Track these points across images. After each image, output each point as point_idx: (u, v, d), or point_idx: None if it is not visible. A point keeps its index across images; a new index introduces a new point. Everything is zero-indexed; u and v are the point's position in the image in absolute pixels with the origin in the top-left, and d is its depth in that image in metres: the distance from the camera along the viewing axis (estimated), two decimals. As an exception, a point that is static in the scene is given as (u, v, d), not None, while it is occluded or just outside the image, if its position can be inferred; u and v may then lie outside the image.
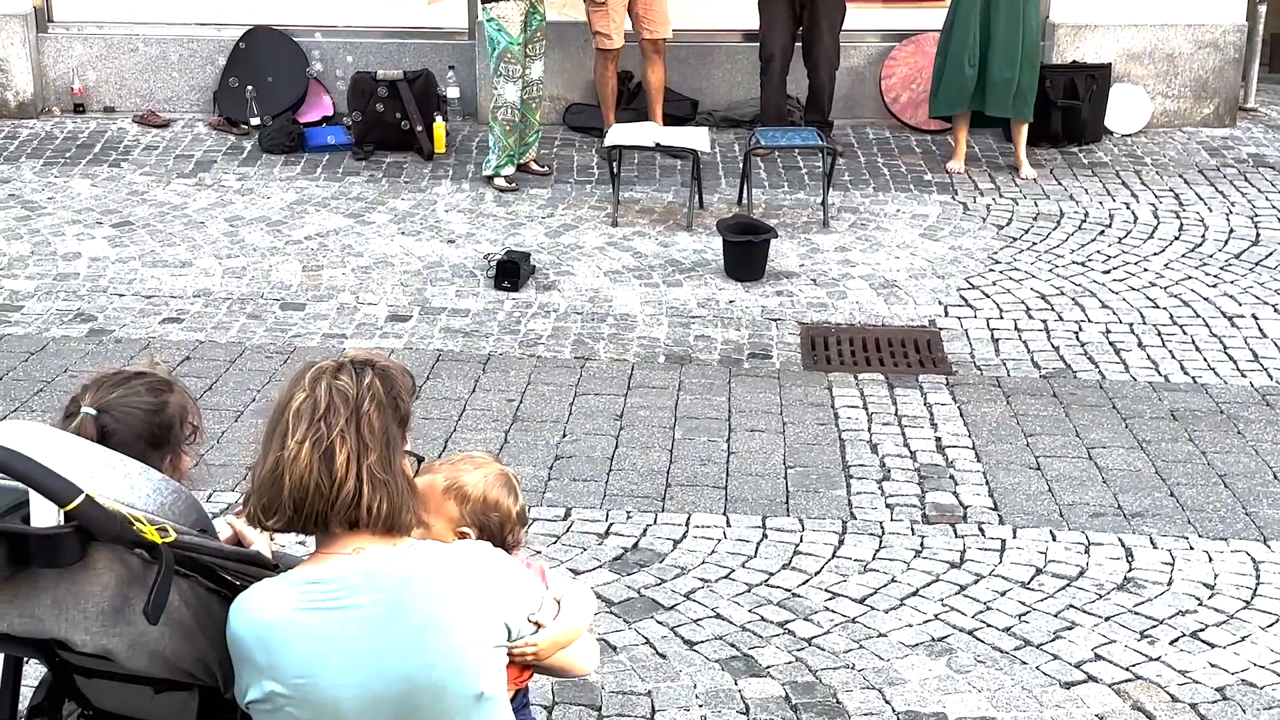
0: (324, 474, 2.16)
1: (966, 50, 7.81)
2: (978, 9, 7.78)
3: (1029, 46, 7.81)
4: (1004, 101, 7.84)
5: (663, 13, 8.25)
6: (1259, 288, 6.62)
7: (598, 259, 6.97)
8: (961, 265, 6.91)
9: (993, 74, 7.80)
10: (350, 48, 8.94)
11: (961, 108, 7.97)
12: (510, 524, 2.67)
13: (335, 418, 2.17)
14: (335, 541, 2.22)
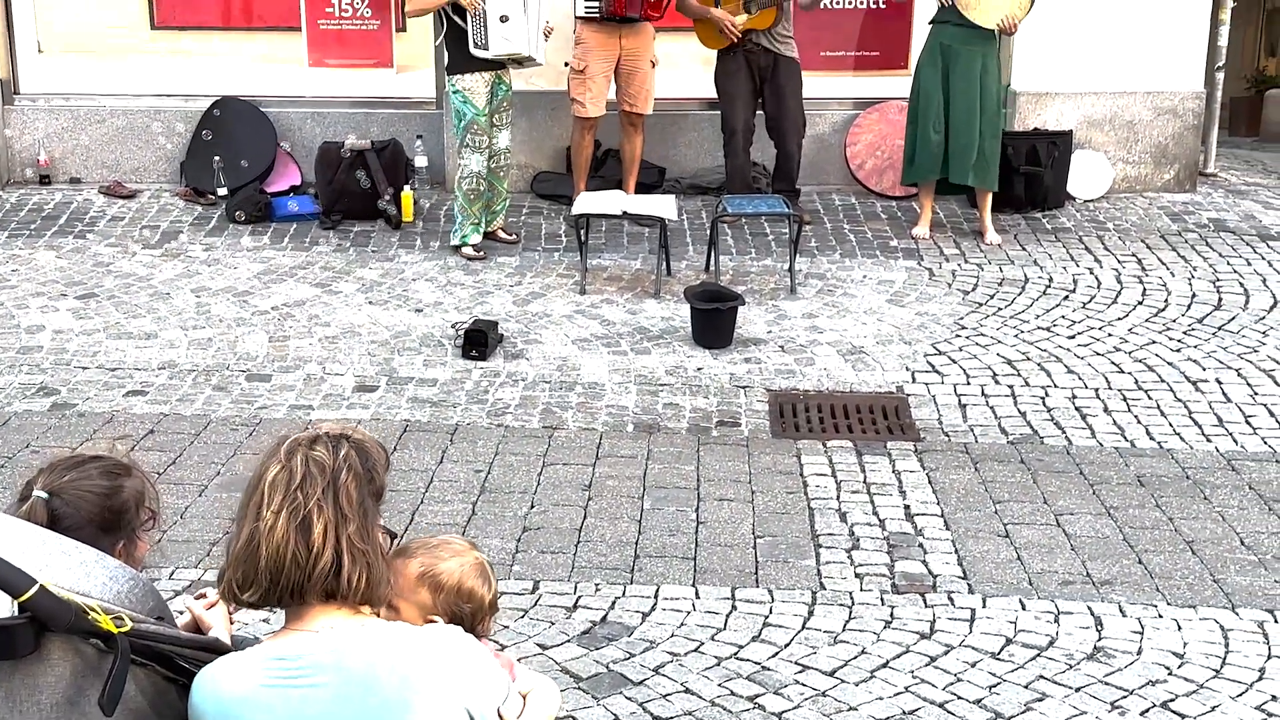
0: (301, 544, 2.13)
1: (931, 118, 7.91)
2: (938, 78, 7.89)
3: (988, 115, 7.91)
4: (965, 169, 7.93)
5: (645, 89, 8.29)
6: (1222, 352, 6.67)
7: (566, 327, 6.97)
8: (928, 331, 6.94)
9: (954, 141, 7.90)
10: (318, 118, 8.97)
11: (934, 175, 8.06)
12: (482, 613, 2.63)
13: (312, 488, 2.14)
14: (307, 615, 2.18)
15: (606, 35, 8.16)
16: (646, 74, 8.25)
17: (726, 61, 8.34)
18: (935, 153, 7.96)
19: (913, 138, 8.09)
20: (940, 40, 7.90)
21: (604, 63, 8.20)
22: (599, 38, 8.16)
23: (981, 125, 7.88)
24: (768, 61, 8.25)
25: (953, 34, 7.83)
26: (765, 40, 8.21)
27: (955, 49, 7.85)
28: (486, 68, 7.68)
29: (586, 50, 8.19)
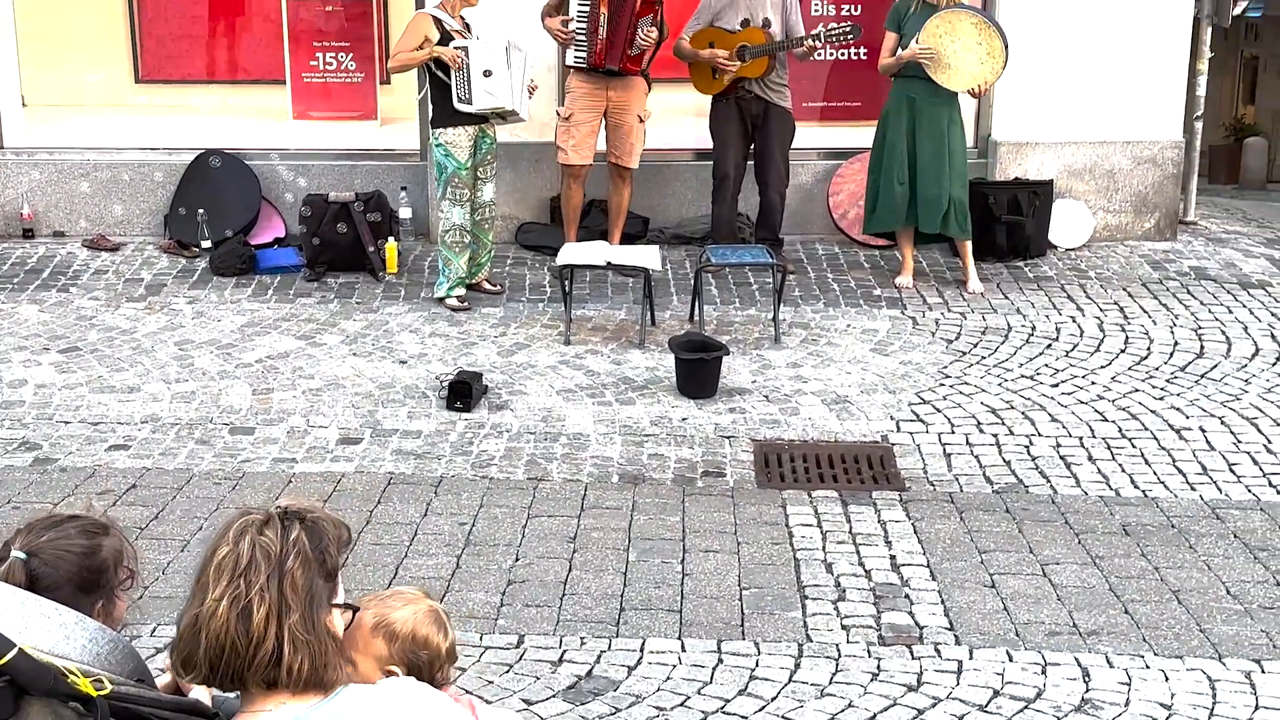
0: (240, 632, 2.10)
1: (895, 169, 7.97)
2: (903, 129, 7.95)
3: (956, 165, 7.97)
4: (935, 218, 7.97)
5: (631, 143, 8.32)
6: (1205, 400, 6.69)
7: (550, 378, 6.97)
8: (912, 380, 6.95)
9: (922, 192, 7.95)
10: (303, 170, 8.99)
11: (895, 225, 8.11)
12: (440, 661, 2.62)
13: (256, 575, 2.12)
14: (255, 700, 2.17)
15: (594, 86, 8.21)
16: (633, 128, 8.29)
17: (719, 107, 8.40)
18: (899, 204, 8.02)
19: (874, 188, 8.15)
20: (907, 94, 7.96)
21: (589, 112, 8.24)
22: (587, 87, 8.21)
23: (950, 176, 7.94)
24: (759, 109, 8.31)
25: (920, 88, 7.90)
26: (757, 88, 8.27)
27: (921, 103, 7.92)
28: (470, 121, 7.72)
29: (574, 99, 8.24)
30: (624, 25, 8.01)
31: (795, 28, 8.20)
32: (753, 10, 8.20)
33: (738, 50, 8.19)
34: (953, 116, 7.98)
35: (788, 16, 8.21)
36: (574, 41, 8.10)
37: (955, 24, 7.72)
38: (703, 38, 8.28)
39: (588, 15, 8.05)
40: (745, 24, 8.21)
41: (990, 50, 7.71)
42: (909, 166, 7.98)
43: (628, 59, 8.11)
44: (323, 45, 9.46)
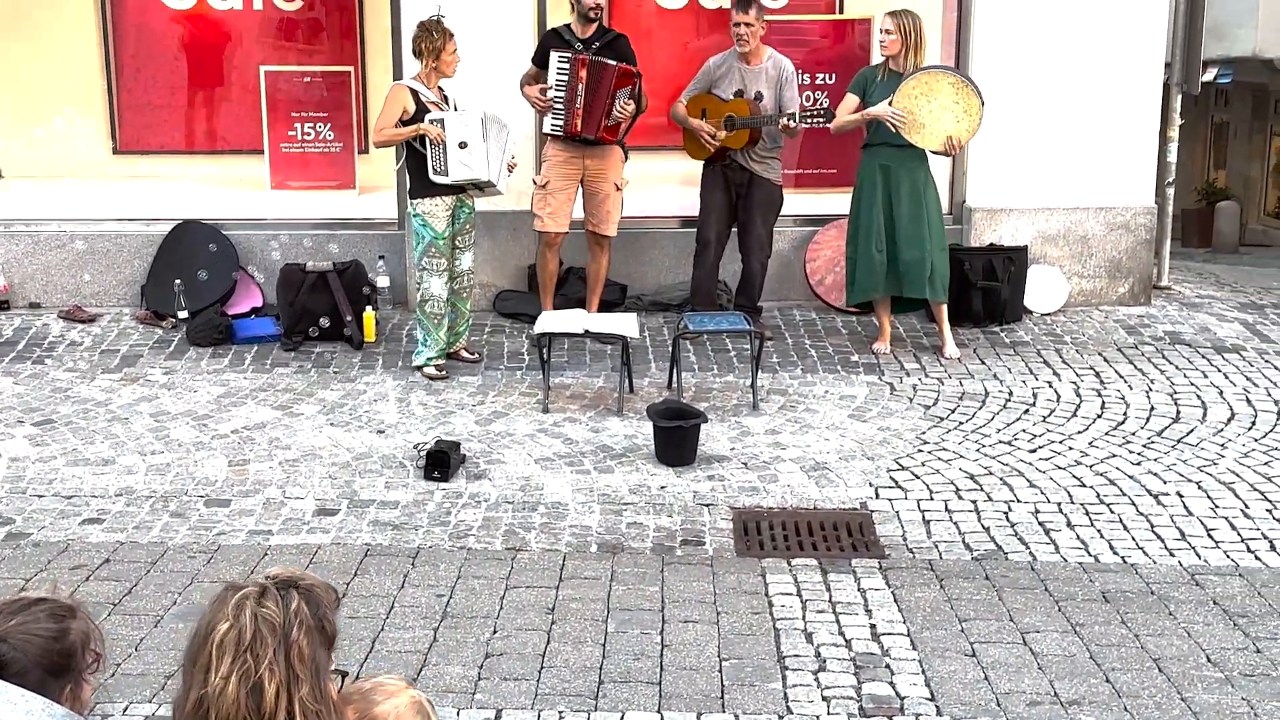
0: (252, 709, 2.07)
1: (873, 237, 8.02)
2: (878, 197, 8.01)
3: (935, 230, 8.02)
4: (920, 282, 8.01)
5: (607, 210, 8.37)
6: (1182, 465, 6.70)
7: (529, 446, 6.95)
8: (890, 446, 6.95)
9: (902, 257, 8.00)
10: (280, 240, 9.00)
11: (876, 294, 8.14)
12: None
13: (263, 649, 2.09)
14: None
15: (571, 154, 8.26)
16: (609, 196, 8.34)
17: (708, 174, 8.49)
18: (878, 272, 8.06)
19: (853, 258, 8.20)
20: (879, 162, 8.03)
21: (565, 180, 8.29)
22: (563, 155, 8.26)
23: (930, 239, 7.99)
24: (743, 179, 8.38)
25: (891, 154, 7.97)
26: (742, 159, 8.34)
27: (895, 169, 7.98)
28: (447, 192, 7.75)
29: (550, 166, 8.29)
30: (602, 96, 8.07)
31: (788, 104, 8.27)
32: (747, 82, 8.30)
33: (725, 120, 8.27)
34: (927, 179, 8.05)
35: (782, 92, 8.28)
36: (551, 109, 8.15)
37: (933, 85, 7.79)
38: (698, 104, 8.39)
39: (566, 84, 8.11)
40: (738, 94, 8.30)
41: (967, 108, 7.79)
42: (887, 234, 8.03)
43: (604, 129, 8.16)
44: (301, 116, 9.51)
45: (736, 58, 8.34)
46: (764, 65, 8.32)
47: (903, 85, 7.81)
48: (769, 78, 8.29)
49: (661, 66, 9.57)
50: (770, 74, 8.30)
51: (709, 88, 8.39)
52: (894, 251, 8.03)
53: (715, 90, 8.37)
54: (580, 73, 8.06)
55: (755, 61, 8.31)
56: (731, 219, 8.50)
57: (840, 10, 9.98)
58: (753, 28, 8.22)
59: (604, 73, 8.05)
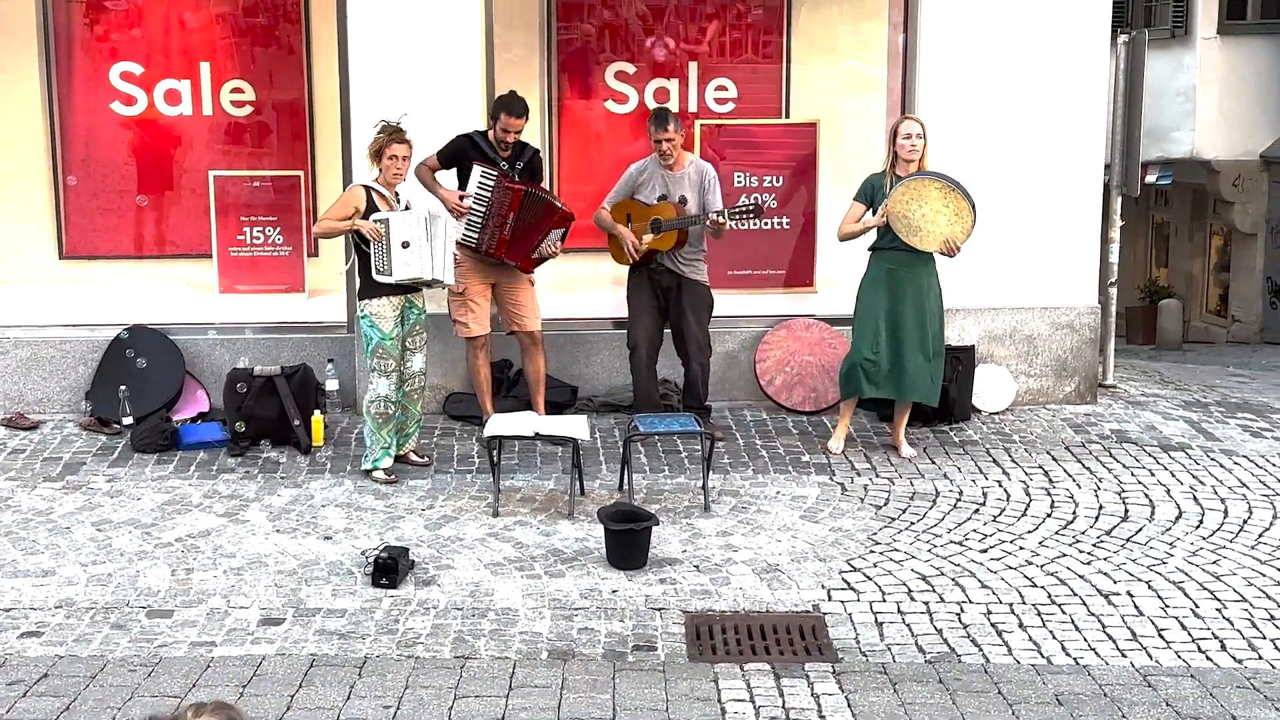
0: None
1: (869, 339, 8.03)
2: (882, 301, 8.03)
3: (934, 333, 8.06)
4: (921, 388, 8.03)
5: (529, 304, 8.41)
6: (1131, 564, 6.72)
7: (479, 550, 6.88)
8: (842, 547, 6.93)
9: (907, 361, 8.01)
10: (228, 344, 8.95)
11: (867, 394, 8.14)
12: None
13: None
14: None
15: (480, 259, 8.30)
16: (527, 291, 8.39)
17: (632, 278, 8.52)
18: (870, 374, 8.07)
19: (849, 356, 8.22)
20: (885, 265, 8.06)
21: (481, 283, 8.34)
22: (474, 260, 8.30)
23: (930, 344, 8.03)
24: (671, 282, 8.43)
25: (898, 258, 8.02)
26: (669, 261, 8.39)
27: (901, 273, 8.03)
28: (394, 292, 7.75)
29: (464, 272, 8.28)
30: (535, 231, 8.15)
31: (712, 206, 8.36)
32: (670, 186, 8.38)
33: (650, 223, 8.33)
34: (930, 283, 8.07)
35: (706, 195, 8.37)
36: (467, 218, 8.17)
37: (921, 190, 7.87)
38: (622, 209, 8.45)
39: (487, 205, 8.14)
40: (662, 198, 8.37)
41: (958, 210, 7.85)
42: (890, 336, 8.05)
43: (527, 259, 8.23)
44: (250, 219, 9.50)
45: (658, 164, 8.42)
46: (687, 170, 8.41)
47: (893, 192, 7.89)
48: (692, 182, 8.39)
49: (610, 168, 9.65)
50: (694, 179, 8.39)
51: (632, 193, 8.46)
52: (897, 354, 8.04)
53: (638, 195, 8.44)
54: (513, 203, 8.10)
55: (678, 168, 8.40)
56: (661, 322, 8.54)
57: (787, 115, 10.14)
58: (674, 140, 8.34)
59: (544, 210, 8.12)
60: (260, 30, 9.92)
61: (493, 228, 8.16)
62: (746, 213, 8.38)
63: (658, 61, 10.09)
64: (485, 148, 8.24)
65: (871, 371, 8.08)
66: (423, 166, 8.32)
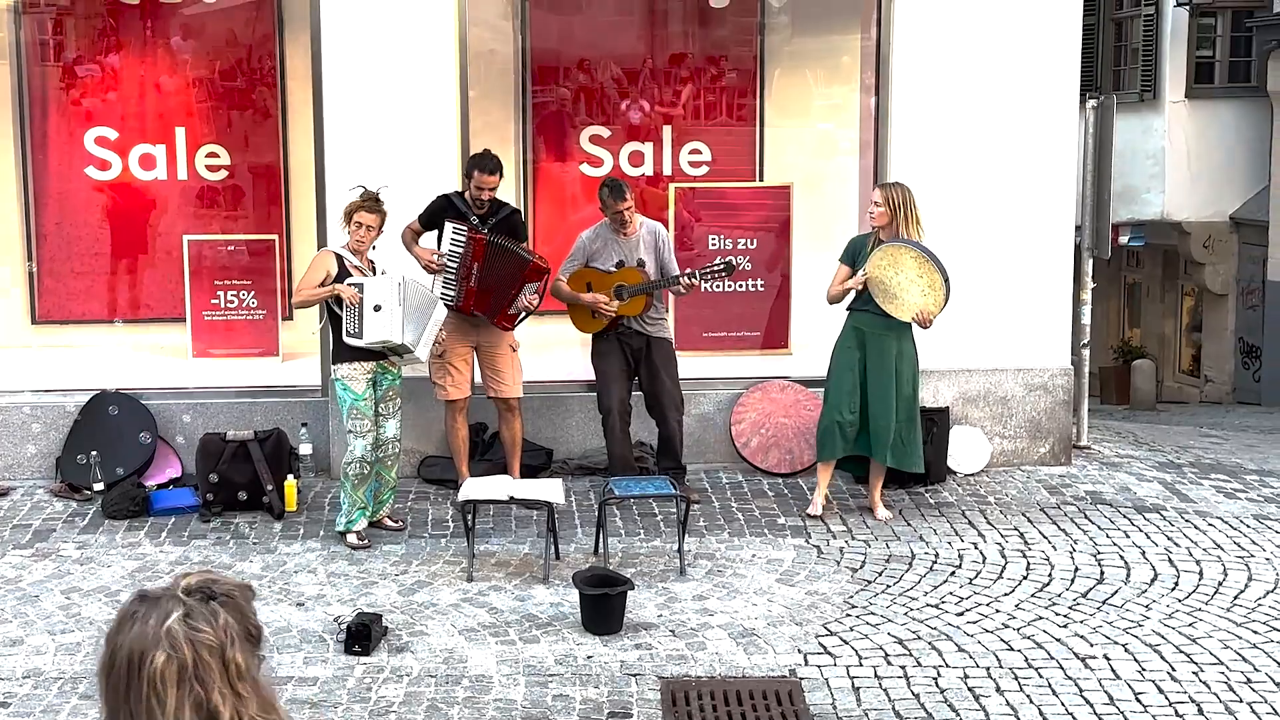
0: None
1: (845, 400, 8.04)
2: (855, 362, 8.05)
3: (904, 398, 8.07)
4: (884, 449, 8.04)
5: (511, 372, 8.40)
6: (1108, 627, 6.71)
7: (452, 616, 6.82)
8: (819, 611, 6.90)
9: (872, 423, 8.04)
10: (201, 408, 8.90)
11: (841, 454, 8.14)
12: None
13: (209, 674, 1.98)
14: None
15: (461, 320, 8.30)
16: (508, 358, 8.38)
17: (600, 343, 8.51)
18: (848, 433, 8.08)
19: (823, 417, 8.23)
20: (856, 325, 8.09)
21: (462, 346, 8.33)
22: (455, 322, 8.29)
23: (897, 408, 8.04)
24: (640, 343, 8.45)
25: (870, 321, 8.04)
26: (636, 323, 8.41)
27: (871, 334, 8.05)
28: (366, 357, 7.74)
29: (445, 335, 8.27)
30: (507, 284, 8.15)
31: (669, 266, 8.40)
32: (626, 252, 8.40)
33: (615, 290, 8.35)
34: (902, 349, 8.07)
35: (661, 256, 8.41)
36: (443, 275, 8.19)
37: (897, 257, 7.90)
38: (580, 278, 8.42)
39: (459, 259, 8.16)
40: (620, 265, 8.39)
41: (931, 283, 7.87)
42: (860, 398, 8.06)
43: (504, 315, 8.22)
44: (224, 283, 9.49)
45: (610, 230, 8.43)
46: (640, 234, 8.43)
47: (871, 256, 7.92)
48: (647, 245, 8.42)
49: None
50: (648, 241, 8.42)
51: (587, 262, 8.46)
52: (867, 415, 8.06)
53: (594, 263, 8.44)
54: (476, 253, 8.11)
55: (631, 232, 8.43)
56: (630, 385, 8.53)
57: (761, 178, 10.22)
58: (631, 209, 8.37)
59: (513, 262, 8.12)
60: (236, 94, 9.98)
61: (461, 280, 8.17)
62: (717, 273, 8.42)
63: (632, 125, 10.18)
64: (461, 206, 8.27)
65: (848, 431, 8.09)
66: (406, 230, 8.34)
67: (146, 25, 9.82)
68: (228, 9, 9.80)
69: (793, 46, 10.46)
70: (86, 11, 9.86)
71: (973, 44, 8.95)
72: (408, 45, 8.68)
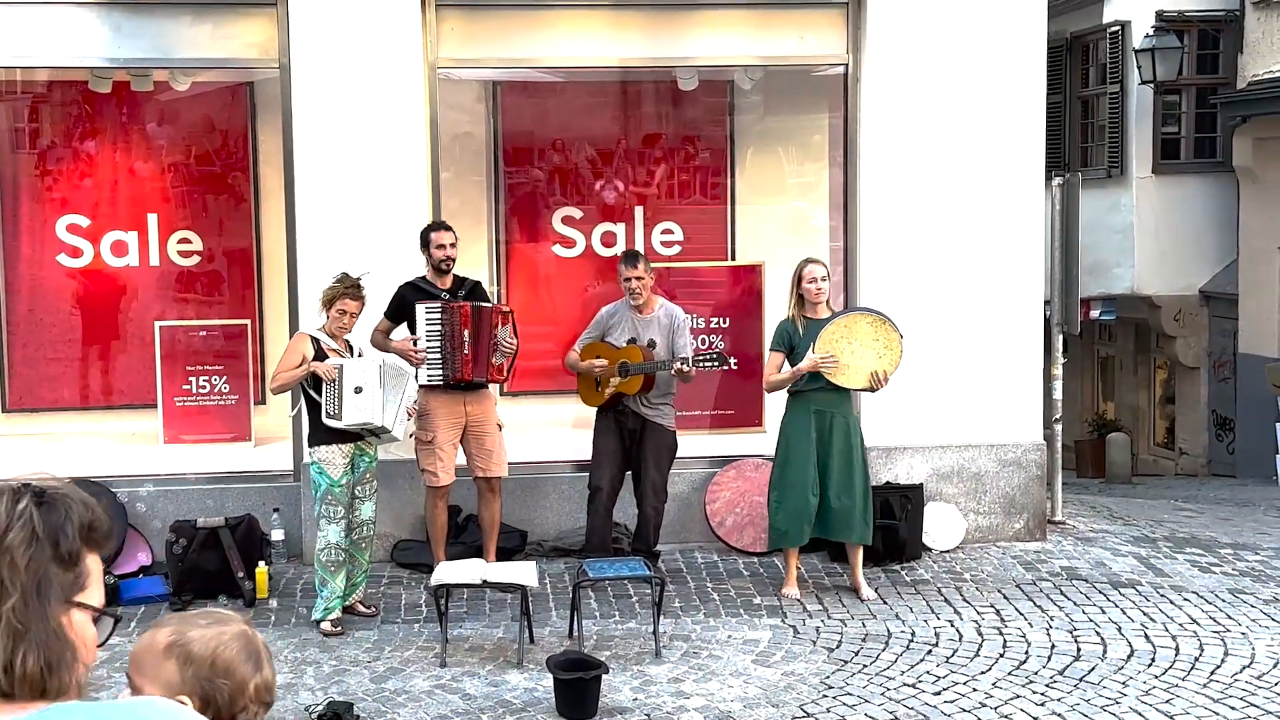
0: None
1: (809, 483, 8.00)
2: (811, 441, 8.03)
3: (859, 474, 8.07)
4: (847, 528, 8.02)
5: (496, 452, 8.38)
6: (1085, 704, 6.66)
7: (425, 704, 6.74)
8: (795, 692, 6.85)
9: (833, 503, 8.02)
10: (171, 495, 8.84)
11: (801, 541, 8.11)
12: (244, 699, 2.21)
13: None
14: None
15: (451, 403, 8.27)
16: (495, 437, 8.36)
17: (600, 421, 8.53)
18: (809, 518, 8.03)
19: (777, 503, 8.15)
20: (812, 406, 8.05)
21: (451, 430, 8.29)
22: (444, 407, 8.26)
23: (857, 483, 8.03)
24: (636, 425, 8.44)
25: (823, 399, 8.03)
26: (634, 404, 8.41)
27: (828, 413, 8.03)
28: (344, 440, 7.71)
29: (432, 419, 8.25)
30: (485, 338, 8.15)
31: (681, 350, 8.39)
32: (640, 330, 8.44)
33: (618, 366, 8.38)
34: (852, 423, 8.09)
35: (674, 339, 8.43)
36: (426, 361, 8.17)
37: (852, 327, 7.93)
38: (591, 351, 8.50)
39: (440, 334, 8.16)
40: (631, 341, 8.43)
41: (887, 343, 7.91)
42: (820, 479, 8.04)
43: (492, 368, 8.22)
44: (196, 369, 9.46)
45: (629, 308, 8.49)
46: (656, 314, 8.48)
47: (823, 332, 7.93)
48: (661, 326, 8.45)
49: (562, 311, 9.75)
50: (663, 322, 8.46)
51: (602, 336, 8.52)
52: (825, 497, 8.03)
53: (608, 338, 8.50)
54: (462, 320, 8.12)
55: (648, 311, 8.48)
56: (624, 465, 8.52)
57: (733, 257, 10.28)
58: (644, 280, 8.41)
59: (482, 315, 8.14)
60: (209, 180, 10.03)
61: (451, 352, 8.15)
62: (710, 360, 8.44)
63: (605, 205, 10.25)
64: (426, 286, 8.29)
65: (810, 516, 8.05)
66: (375, 332, 8.31)
67: (120, 112, 9.88)
68: (201, 95, 9.87)
69: (763, 126, 10.58)
70: (61, 99, 9.92)
71: (940, 122, 9.06)
72: (379, 129, 8.74)
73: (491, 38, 9.19)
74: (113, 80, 9.50)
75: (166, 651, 2.18)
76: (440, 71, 8.93)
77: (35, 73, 9.74)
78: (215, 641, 2.21)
